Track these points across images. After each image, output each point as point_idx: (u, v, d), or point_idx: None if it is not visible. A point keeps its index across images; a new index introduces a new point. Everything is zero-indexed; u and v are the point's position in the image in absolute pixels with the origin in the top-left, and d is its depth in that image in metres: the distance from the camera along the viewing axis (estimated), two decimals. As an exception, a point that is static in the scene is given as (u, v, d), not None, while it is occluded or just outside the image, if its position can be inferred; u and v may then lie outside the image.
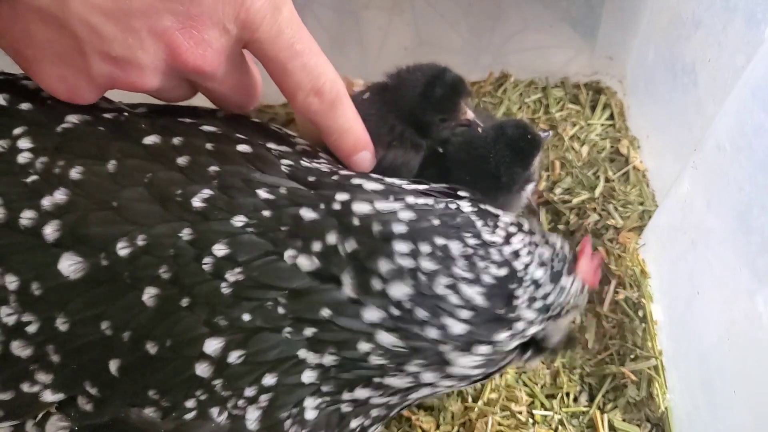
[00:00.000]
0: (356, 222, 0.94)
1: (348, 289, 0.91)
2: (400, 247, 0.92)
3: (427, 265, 0.92)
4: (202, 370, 0.89)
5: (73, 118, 0.99)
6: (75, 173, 0.93)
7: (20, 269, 0.89)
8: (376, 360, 0.93)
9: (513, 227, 1.03)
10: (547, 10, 1.86)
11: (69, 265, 0.88)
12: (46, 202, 0.90)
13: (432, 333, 0.92)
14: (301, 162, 1.07)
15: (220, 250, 0.91)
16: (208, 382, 0.90)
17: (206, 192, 0.95)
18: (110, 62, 0.91)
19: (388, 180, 1.07)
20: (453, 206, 1.01)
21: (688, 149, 1.37)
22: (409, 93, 1.39)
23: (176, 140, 1.00)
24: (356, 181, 1.03)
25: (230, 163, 1.00)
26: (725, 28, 1.33)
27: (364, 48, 1.90)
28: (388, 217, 0.95)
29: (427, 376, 0.96)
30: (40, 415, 0.91)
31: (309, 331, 0.92)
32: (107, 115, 1.03)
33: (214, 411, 0.92)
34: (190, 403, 0.90)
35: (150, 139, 0.99)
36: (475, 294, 0.93)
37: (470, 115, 1.36)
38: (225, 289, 0.90)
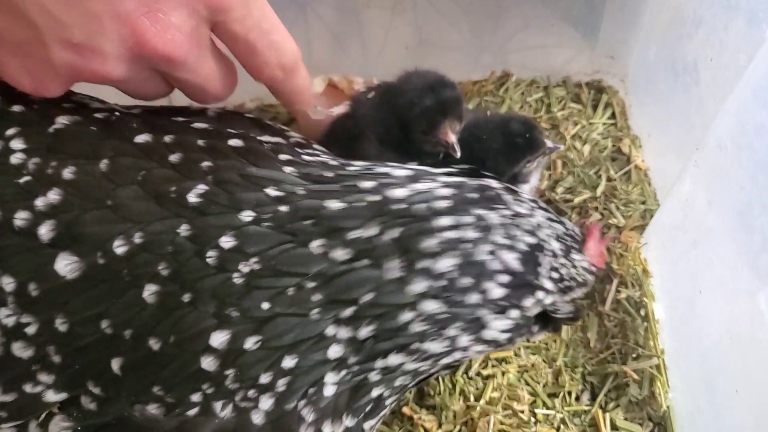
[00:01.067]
0: (395, 207, 0.96)
1: (392, 271, 0.93)
2: (444, 221, 0.96)
3: (471, 234, 0.97)
4: (208, 363, 0.89)
5: (64, 119, 1.00)
6: (68, 173, 0.93)
7: (17, 270, 0.89)
8: (417, 327, 0.95)
9: (533, 203, 1.11)
10: (548, 9, 1.86)
11: (65, 265, 0.88)
12: (40, 202, 0.90)
13: (473, 298, 0.96)
14: (303, 157, 1.08)
15: (227, 242, 0.91)
16: (216, 375, 0.90)
17: (201, 187, 0.95)
18: (71, 50, 0.88)
19: (414, 166, 1.11)
20: (484, 182, 1.08)
21: (690, 148, 1.37)
22: (400, 99, 1.39)
23: (168, 138, 1.00)
24: (381, 169, 1.06)
25: (223, 158, 1.00)
26: (727, 27, 1.33)
27: (365, 46, 1.90)
28: (427, 195, 0.99)
29: (463, 340, 0.99)
30: (42, 416, 0.91)
31: (347, 311, 0.93)
32: (99, 115, 1.03)
33: (218, 405, 0.92)
34: (195, 397, 0.91)
35: (142, 138, 0.99)
36: (512, 259, 0.99)
37: (451, 138, 1.34)
38: (237, 280, 0.90)
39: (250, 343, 0.91)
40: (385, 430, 1.43)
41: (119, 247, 0.89)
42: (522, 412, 1.45)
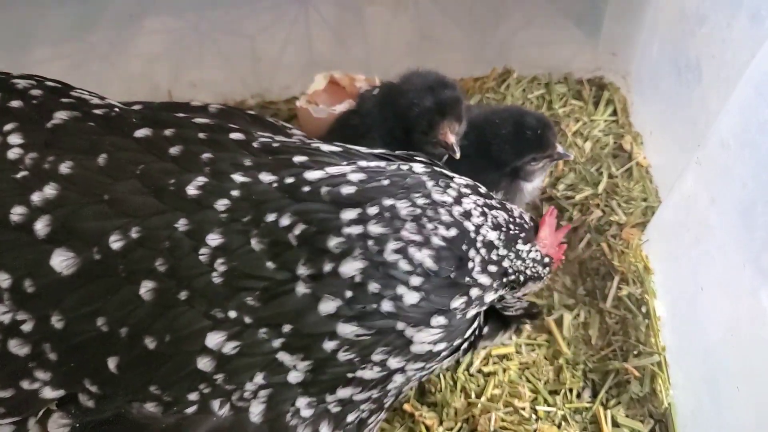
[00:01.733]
0: (306, 189, 0.93)
1: (302, 285, 0.89)
2: (348, 214, 0.91)
3: (375, 228, 0.90)
4: (204, 364, 0.89)
5: (62, 115, 0.99)
6: (65, 168, 0.92)
7: (12, 267, 0.88)
8: (344, 356, 0.91)
9: (466, 188, 1.01)
10: (550, 6, 1.86)
11: (61, 261, 0.88)
12: (36, 197, 0.90)
13: (387, 306, 0.90)
14: (280, 138, 1.06)
15: (213, 240, 0.90)
16: (211, 375, 0.90)
17: (201, 179, 0.94)
18: None
19: (349, 146, 1.07)
20: (405, 167, 1.00)
21: (692, 145, 1.37)
22: (401, 99, 1.39)
23: (168, 132, 1.00)
24: (316, 144, 1.03)
25: (224, 150, 0.99)
26: (730, 24, 1.33)
27: (367, 44, 1.90)
28: (338, 179, 0.94)
29: (393, 362, 0.94)
30: (40, 413, 0.91)
31: (278, 342, 0.91)
32: (98, 111, 1.03)
33: (216, 404, 0.91)
34: (192, 396, 0.90)
35: (141, 132, 0.99)
36: (424, 257, 0.91)
37: (450, 138, 1.34)
38: (216, 279, 0.89)
39: (229, 348, 0.89)
40: (387, 427, 1.43)
41: (115, 243, 0.88)
42: (523, 409, 1.45)
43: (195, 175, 0.95)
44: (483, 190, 1.06)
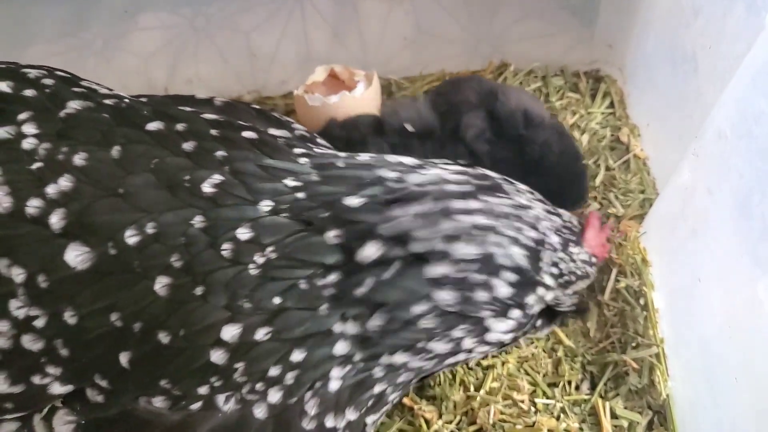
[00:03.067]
0: (413, 188, 0.99)
1: (415, 244, 0.94)
2: (457, 204, 0.97)
3: (481, 220, 0.97)
4: (217, 356, 0.89)
5: (75, 104, 0.98)
6: (79, 159, 0.91)
7: (27, 261, 0.87)
8: (425, 323, 0.95)
9: (530, 194, 1.09)
10: (546, -2, 1.86)
11: (75, 256, 0.87)
12: (51, 189, 0.89)
13: (481, 296, 0.96)
14: (314, 149, 1.09)
15: (243, 234, 0.91)
16: (224, 368, 0.90)
17: (217, 177, 0.94)
18: None
19: (413, 158, 1.12)
20: (480, 171, 1.08)
21: (689, 137, 1.37)
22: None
23: (180, 126, 0.99)
24: (391, 158, 1.07)
25: (237, 148, 1.00)
26: (725, 15, 1.33)
27: (363, 38, 1.89)
28: (437, 180, 1.00)
29: (468, 342, 0.99)
30: (45, 410, 0.91)
31: (355, 309, 0.95)
32: (108, 101, 1.02)
33: (221, 399, 0.92)
34: (203, 390, 0.90)
35: (154, 125, 0.98)
36: (519, 255, 0.99)
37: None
38: (252, 271, 0.90)
39: (261, 334, 0.91)
40: (386, 421, 1.44)
41: (131, 238, 0.88)
42: (522, 401, 1.45)
43: (210, 172, 0.95)
44: (539, 195, 1.12)
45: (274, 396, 0.94)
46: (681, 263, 1.47)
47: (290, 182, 0.98)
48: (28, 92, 0.98)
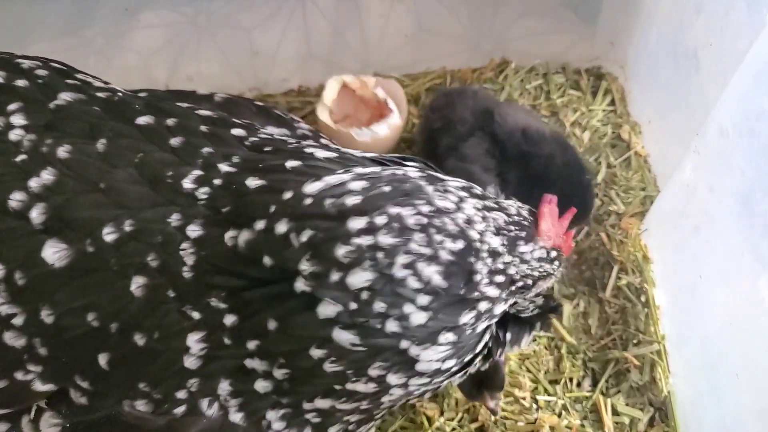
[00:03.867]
0: (308, 201, 0.87)
1: (302, 282, 0.83)
2: (356, 223, 0.84)
3: (385, 239, 0.83)
4: (190, 362, 0.87)
5: (66, 96, 0.96)
6: (62, 152, 0.89)
7: (7, 257, 0.85)
8: (331, 367, 0.85)
9: (463, 191, 0.93)
10: (547, -5, 1.86)
11: (53, 253, 0.85)
12: (34, 183, 0.86)
13: (392, 326, 0.83)
14: (305, 150, 1.02)
15: (194, 231, 0.88)
16: (198, 373, 0.88)
17: (196, 173, 0.92)
18: None
19: (343, 149, 1.03)
20: (400, 172, 0.93)
21: (690, 134, 1.37)
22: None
23: (170, 121, 0.97)
24: (309, 150, 0.97)
25: (225, 145, 0.97)
26: (727, 13, 1.33)
27: (364, 35, 1.89)
28: (340, 189, 0.87)
29: (393, 378, 0.87)
30: (33, 411, 0.89)
31: (252, 344, 0.86)
32: (101, 95, 1.00)
33: (204, 403, 0.89)
34: (181, 395, 0.88)
35: (143, 120, 0.96)
36: (433, 273, 0.83)
37: None
38: (187, 274, 0.87)
39: (197, 349, 0.87)
40: (388, 418, 1.44)
41: (108, 235, 0.85)
42: (523, 398, 1.45)
43: (192, 168, 0.92)
44: (477, 190, 0.98)
45: (236, 415, 0.91)
46: (682, 260, 1.47)
47: (225, 167, 0.93)
48: (20, 82, 0.96)
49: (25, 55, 1.05)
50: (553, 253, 1.00)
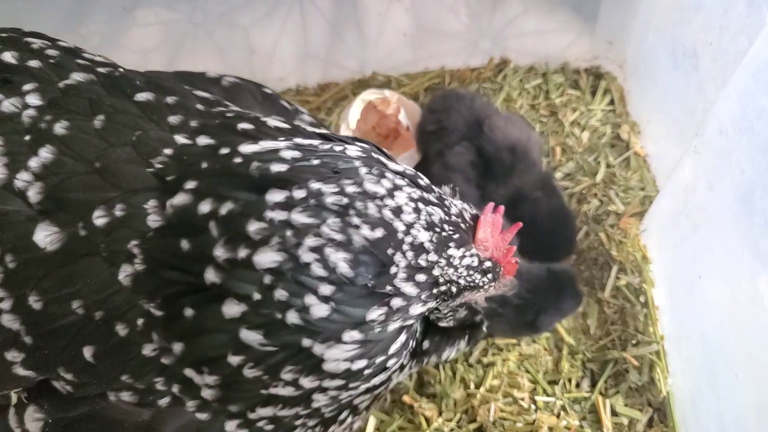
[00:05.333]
0: (238, 160, 0.83)
1: (212, 272, 0.79)
2: (274, 196, 0.79)
3: (298, 217, 0.78)
4: (166, 358, 0.84)
5: (78, 76, 0.93)
6: (60, 128, 0.86)
7: (4, 238, 0.82)
8: (249, 373, 0.81)
9: (402, 179, 0.87)
10: (546, -5, 1.86)
11: (45, 236, 0.81)
12: (33, 162, 0.83)
13: (293, 317, 0.78)
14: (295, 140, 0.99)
15: (155, 222, 0.83)
16: (169, 369, 0.85)
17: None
18: None
19: (297, 123, 0.98)
20: (339, 148, 0.87)
21: (690, 133, 1.36)
22: None
23: (170, 99, 0.94)
24: (264, 119, 0.93)
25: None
26: (726, 12, 1.32)
27: (362, 34, 1.89)
28: (270, 155, 0.83)
29: (306, 381, 0.82)
30: (15, 399, 0.87)
31: (177, 347, 0.82)
32: (102, 70, 0.96)
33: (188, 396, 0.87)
34: (162, 386, 0.85)
35: (143, 96, 0.92)
36: (339, 260, 0.78)
37: None
38: (138, 267, 0.82)
39: (149, 349, 0.84)
40: (386, 419, 1.43)
41: (99, 219, 0.82)
42: (522, 399, 1.45)
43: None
44: (423, 181, 0.91)
45: (202, 415, 0.89)
46: (682, 259, 1.47)
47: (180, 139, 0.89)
48: (33, 63, 0.93)
49: (33, 32, 1.02)
50: (487, 264, 0.93)
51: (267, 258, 0.77)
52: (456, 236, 0.88)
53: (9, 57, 0.93)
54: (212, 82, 1.13)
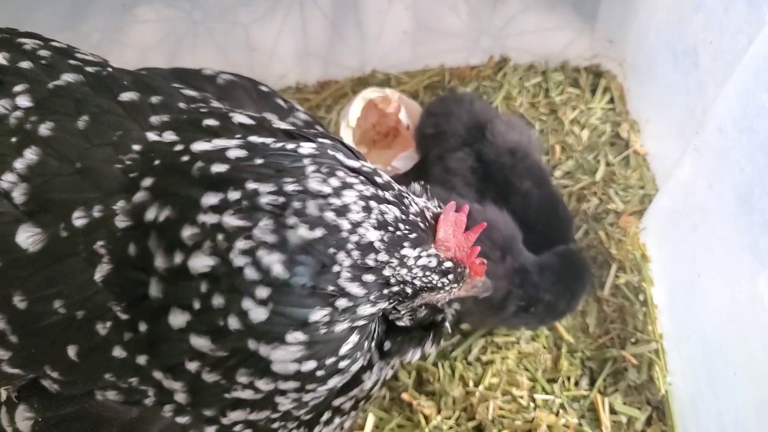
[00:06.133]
0: (185, 158, 0.82)
1: (154, 286, 0.78)
2: (208, 199, 0.77)
3: (229, 220, 0.76)
4: (140, 358, 0.84)
5: (67, 77, 0.93)
6: (45, 129, 0.86)
7: None
8: (208, 378, 0.80)
9: (354, 177, 0.84)
10: (546, -7, 1.86)
11: (27, 237, 0.81)
12: (19, 164, 0.84)
13: (234, 323, 0.76)
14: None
15: (122, 222, 0.82)
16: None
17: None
18: None
19: (267, 118, 0.96)
20: (291, 146, 0.84)
21: (689, 132, 1.36)
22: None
23: (155, 99, 0.93)
24: (231, 114, 0.91)
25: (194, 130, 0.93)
26: (727, 10, 1.32)
27: (362, 32, 1.89)
28: (216, 155, 0.81)
29: (262, 384, 0.81)
30: (5, 396, 0.88)
31: (142, 359, 0.82)
32: (90, 69, 0.96)
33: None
34: (144, 386, 0.85)
35: (127, 96, 0.92)
36: (274, 262, 0.75)
37: None
38: (97, 277, 0.82)
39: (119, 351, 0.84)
40: (384, 416, 1.43)
41: (78, 219, 0.82)
42: (521, 397, 1.45)
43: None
44: (381, 179, 0.88)
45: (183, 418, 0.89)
46: (681, 258, 1.47)
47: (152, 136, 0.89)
48: (24, 64, 0.93)
49: (28, 32, 1.02)
50: (447, 265, 0.90)
51: (200, 263, 0.76)
52: (412, 235, 0.85)
53: (0, 59, 0.93)
54: (207, 79, 1.12)
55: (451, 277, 0.91)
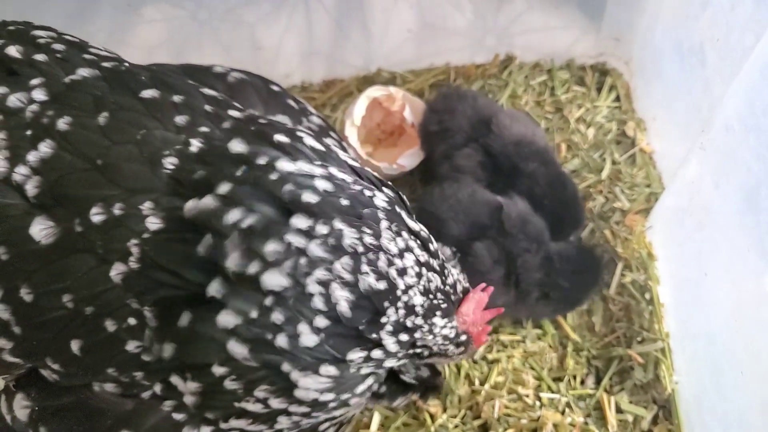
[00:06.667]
0: (273, 177, 0.84)
1: (215, 286, 0.80)
2: (299, 221, 0.82)
3: (315, 249, 0.81)
4: (147, 355, 0.85)
5: (83, 72, 0.93)
6: (63, 124, 0.86)
7: (1, 231, 0.83)
8: (230, 384, 0.83)
9: (414, 241, 0.93)
10: (552, -9, 1.85)
11: (41, 230, 0.82)
12: (32, 157, 0.84)
13: (282, 341, 0.81)
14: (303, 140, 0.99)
15: (154, 224, 0.83)
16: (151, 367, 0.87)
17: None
18: None
19: (333, 147, 0.99)
20: (368, 193, 0.91)
21: (696, 130, 1.36)
22: None
23: (177, 98, 0.93)
24: (301, 134, 0.94)
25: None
26: (734, 8, 1.31)
27: (367, 31, 1.88)
28: (305, 181, 0.85)
29: (275, 402, 0.86)
30: (2, 384, 0.89)
31: (168, 349, 0.83)
32: (107, 64, 0.96)
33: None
34: (145, 381, 0.87)
35: (149, 93, 0.92)
36: (342, 299, 0.82)
37: None
38: (134, 264, 0.83)
39: (133, 346, 0.85)
40: (391, 415, 1.44)
41: (96, 216, 0.83)
42: (527, 396, 1.45)
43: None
44: (433, 246, 0.97)
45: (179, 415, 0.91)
46: (687, 257, 1.46)
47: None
48: (39, 57, 0.93)
49: (42, 26, 1.02)
50: (462, 338, 1.01)
51: (275, 280, 0.80)
52: (444, 306, 0.95)
53: (14, 51, 0.93)
54: (218, 77, 1.12)
55: (461, 349, 1.02)
